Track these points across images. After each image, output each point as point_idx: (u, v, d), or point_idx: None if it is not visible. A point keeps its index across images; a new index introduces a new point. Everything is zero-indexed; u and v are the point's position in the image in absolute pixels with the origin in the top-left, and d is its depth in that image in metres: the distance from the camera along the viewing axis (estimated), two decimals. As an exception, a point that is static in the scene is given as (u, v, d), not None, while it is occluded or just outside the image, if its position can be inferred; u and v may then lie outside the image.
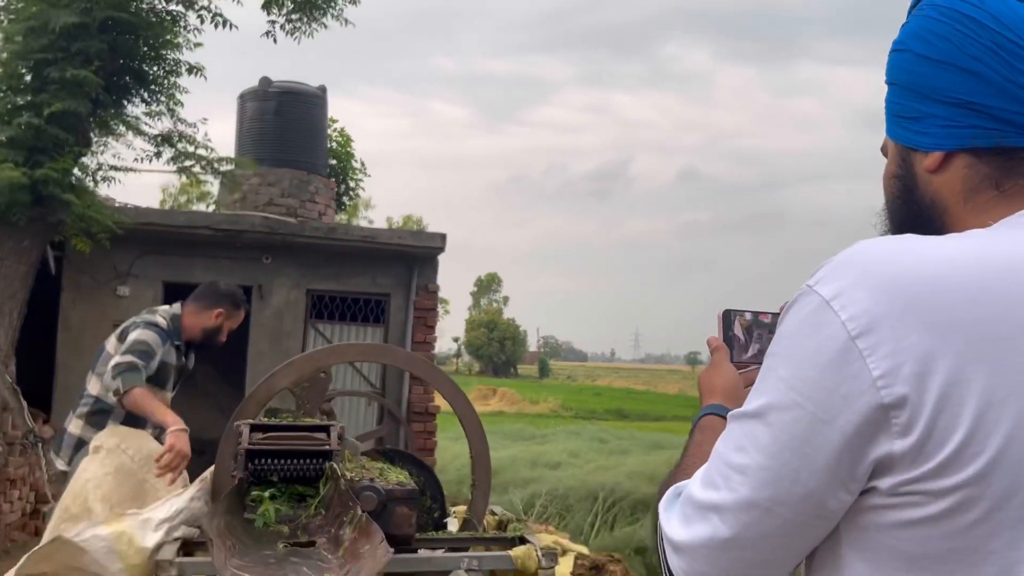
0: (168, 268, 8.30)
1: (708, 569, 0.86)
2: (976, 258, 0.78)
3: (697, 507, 0.87)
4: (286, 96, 9.06)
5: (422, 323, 8.96)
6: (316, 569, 2.08)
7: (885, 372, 0.74)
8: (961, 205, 0.88)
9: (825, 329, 0.78)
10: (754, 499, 0.81)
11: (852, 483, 0.78)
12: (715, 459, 0.87)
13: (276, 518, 2.61)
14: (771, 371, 0.83)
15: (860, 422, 0.76)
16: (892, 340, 0.74)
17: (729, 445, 0.85)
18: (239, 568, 2.02)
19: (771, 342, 0.85)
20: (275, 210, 8.79)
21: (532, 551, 2.82)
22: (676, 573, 0.89)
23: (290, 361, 3.14)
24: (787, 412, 0.79)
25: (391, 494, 2.78)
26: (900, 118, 0.92)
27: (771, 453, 0.80)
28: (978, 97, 0.84)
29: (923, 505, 0.75)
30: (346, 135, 12.08)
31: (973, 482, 0.73)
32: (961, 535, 0.75)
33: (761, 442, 0.81)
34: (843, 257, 0.80)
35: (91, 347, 8.02)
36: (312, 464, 2.81)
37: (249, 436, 2.77)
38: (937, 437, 0.74)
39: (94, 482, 2.93)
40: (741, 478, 0.82)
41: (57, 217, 5.41)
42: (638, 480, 12.35)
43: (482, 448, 3.23)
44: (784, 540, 0.83)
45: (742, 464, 0.82)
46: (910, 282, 0.76)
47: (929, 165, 0.89)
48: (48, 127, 5.07)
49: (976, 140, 0.85)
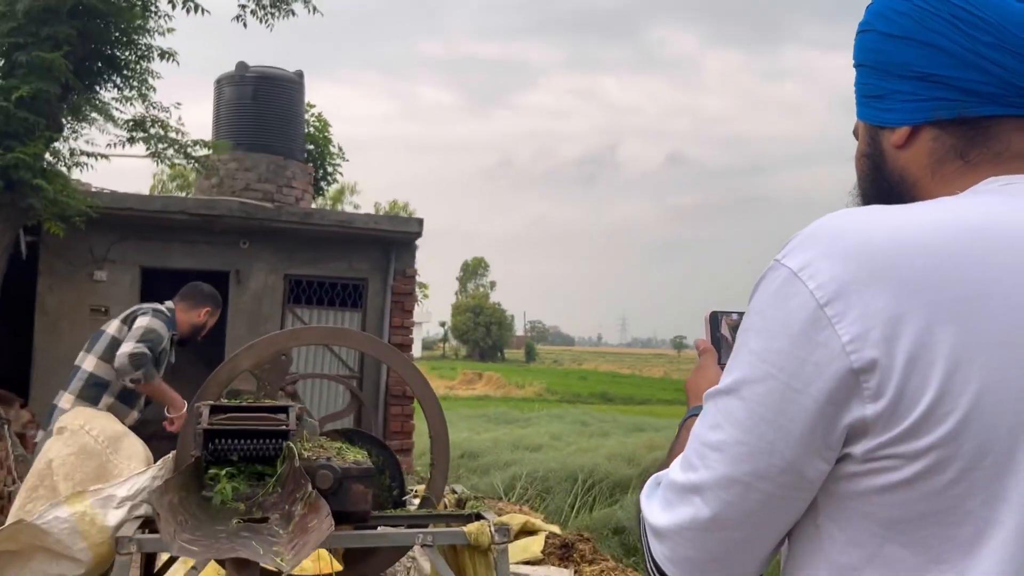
0: (146, 253, 8.32)
1: (693, 552, 0.84)
2: (941, 222, 0.78)
3: (677, 490, 0.85)
4: (263, 81, 9.05)
5: (400, 307, 9.02)
6: (265, 543, 2.15)
7: (854, 337, 0.75)
8: (929, 178, 0.89)
9: (794, 299, 0.78)
10: (733, 475, 0.80)
11: (827, 451, 0.78)
12: (692, 441, 0.85)
13: (233, 496, 2.69)
14: (743, 346, 0.82)
15: (832, 388, 0.76)
16: (860, 305, 0.75)
17: (705, 425, 0.84)
18: (187, 542, 2.09)
19: (742, 319, 0.85)
20: (252, 195, 8.81)
21: (485, 527, 2.91)
22: (660, 561, 0.87)
23: (251, 344, 3.21)
24: (760, 384, 0.79)
25: (347, 472, 2.86)
26: (867, 98, 0.94)
27: (746, 427, 0.79)
28: (940, 69, 0.86)
29: (897, 469, 0.75)
30: (323, 120, 12.06)
31: (945, 443, 0.73)
32: (936, 497, 0.75)
33: (736, 417, 0.80)
34: (810, 230, 0.81)
35: (68, 331, 8.06)
36: (271, 444, 2.88)
37: (209, 417, 2.83)
38: (907, 399, 0.74)
39: (58, 461, 3.00)
40: (718, 455, 0.81)
41: (28, 202, 5.42)
42: (617, 462, 12.51)
43: (440, 428, 3.31)
44: (766, 515, 0.82)
45: (718, 441, 0.81)
46: (876, 248, 0.76)
47: (896, 141, 0.91)
48: (17, 111, 5.07)
49: (940, 112, 0.87)
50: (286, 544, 2.16)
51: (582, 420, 20.60)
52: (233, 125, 8.91)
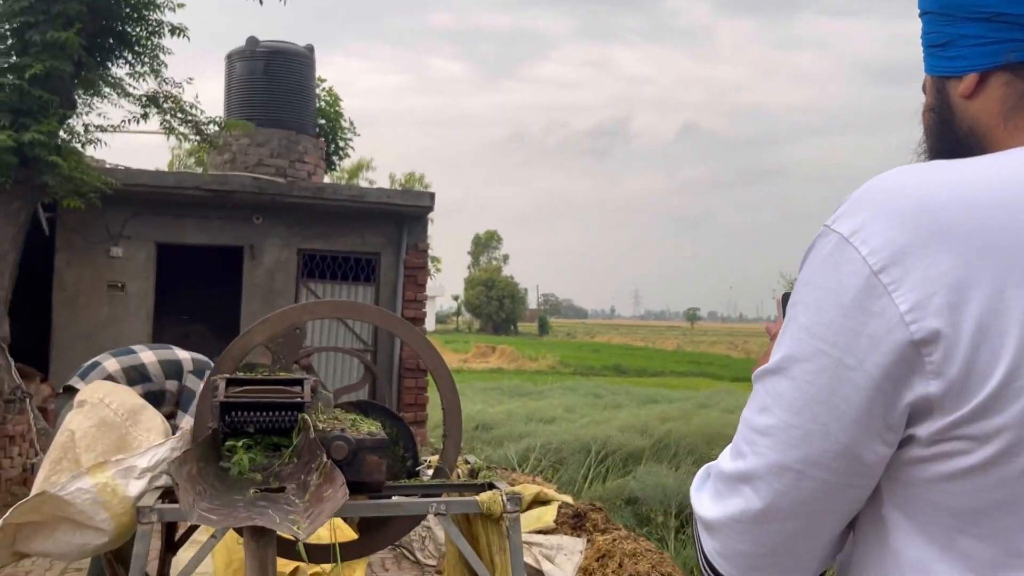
0: (160, 228, 8.39)
1: (745, 546, 0.78)
2: (1012, 175, 0.71)
3: (727, 480, 0.79)
4: (274, 56, 9.04)
5: (412, 281, 9.07)
6: (282, 512, 2.20)
7: (913, 305, 0.68)
8: (1001, 128, 0.81)
9: (845, 267, 0.71)
10: (783, 462, 0.74)
11: (888, 433, 0.71)
12: (741, 426, 0.79)
13: (250, 467, 2.75)
14: (791, 321, 0.75)
15: (889, 363, 0.69)
16: (919, 270, 0.68)
17: (753, 408, 0.78)
18: (206, 511, 2.15)
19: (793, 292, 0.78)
20: (265, 170, 8.85)
21: (497, 496, 2.96)
22: (711, 556, 0.81)
23: (265, 318, 3.25)
24: (810, 362, 0.72)
25: (361, 443, 2.91)
26: (933, 48, 0.87)
27: (797, 409, 0.73)
28: (1009, 7, 0.78)
29: (968, 453, 0.68)
30: (334, 94, 12.04)
31: (1021, 422, 0.66)
32: (1012, 483, 0.67)
33: (785, 399, 0.74)
34: (861, 191, 0.74)
35: (85, 307, 8.17)
36: (286, 416, 2.93)
37: (225, 390, 2.89)
38: (977, 373, 0.66)
39: (80, 433, 3.06)
40: (768, 441, 0.74)
41: (43, 179, 5.48)
42: (630, 434, 12.60)
43: (453, 400, 3.35)
44: (822, 504, 0.75)
45: (767, 425, 0.75)
46: (937, 207, 0.69)
47: (964, 90, 0.83)
48: (32, 89, 5.11)
49: (1011, 54, 0.79)
50: (302, 513, 2.21)
51: (595, 392, 20.70)
52: (244, 100, 8.92)
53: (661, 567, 5.11)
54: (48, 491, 2.80)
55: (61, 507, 2.83)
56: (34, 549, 2.97)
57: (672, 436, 12.63)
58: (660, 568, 5.09)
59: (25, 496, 6.89)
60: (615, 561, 5.22)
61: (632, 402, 18.48)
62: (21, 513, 2.85)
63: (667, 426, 13.09)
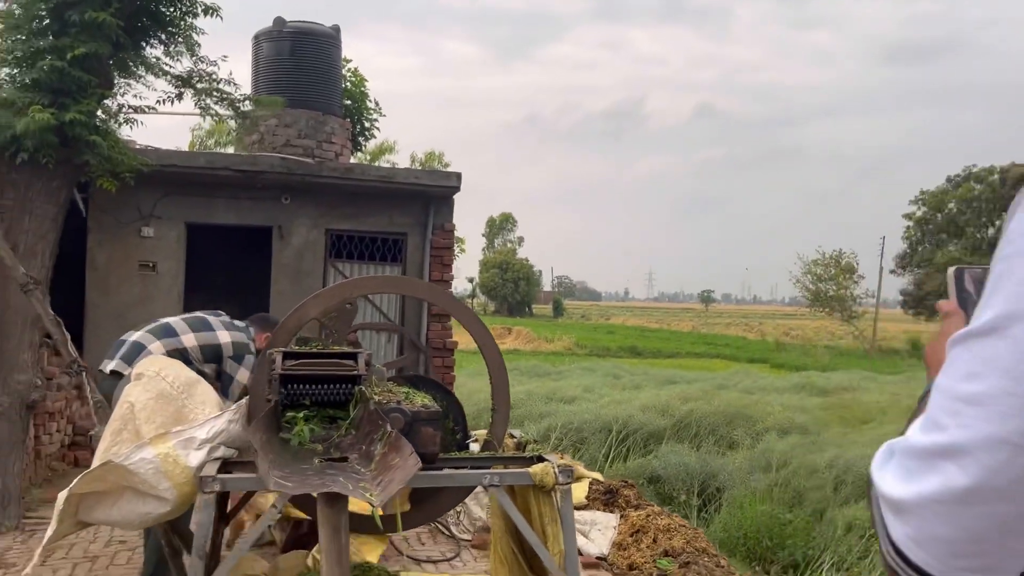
0: (190, 209, 8.46)
1: (945, 530, 0.68)
2: None
3: (920, 456, 0.70)
4: (301, 36, 9.06)
5: (439, 261, 9.11)
6: (351, 479, 2.26)
7: None
8: None
9: None
10: (999, 434, 0.65)
11: None
12: (938, 397, 0.70)
13: (310, 437, 2.81)
14: (1005, 277, 0.67)
15: None
16: None
17: (956, 375, 0.69)
18: (281, 478, 2.20)
19: (998, 247, 0.71)
20: (292, 151, 8.89)
21: (550, 468, 3.01)
22: (901, 543, 0.71)
23: (318, 293, 3.30)
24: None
25: (417, 415, 2.97)
26: None
27: (1017, 375, 0.64)
28: None
29: None
30: (360, 75, 12.05)
31: None
32: None
33: (1001, 362, 0.65)
34: None
35: (117, 287, 8.27)
36: (342, 388, 2.99)
37: (282, 363, 2.94)
38: None
39: (139, 405, 3.13)
40: (977, 410, 0.66)
41: (83, 158, 5.54)
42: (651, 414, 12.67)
43: (501, 375, 3.40)
44: None
45: (976, 393, 0.66)
46: None
47: None
48: (72, 69, 5.16)
49: None
50: (371, 481, 2.26)
51: (613, 373, 20.76)
52: (272, 81, 8.95)
53: (695, 542, 5.16)
54: (113, 461, 2.87)
55: (125, 476, 2.90)
56: (97, 518, 3.05)
57: (693, 416, 12.68)
58: (694, 543, 5.14)
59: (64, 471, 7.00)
60: (649, 536, 5.28)
61: (651, 383, 18.53)
62: (86, 483, 2.92)
63: (688, 406, 13.13)
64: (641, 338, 42.52)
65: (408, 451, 2.26)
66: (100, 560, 4.97)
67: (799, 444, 10.96)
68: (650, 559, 5.04)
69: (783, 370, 26.74)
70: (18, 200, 5.41)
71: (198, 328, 4.09)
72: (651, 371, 22.23)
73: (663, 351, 35.29)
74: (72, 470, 7.14)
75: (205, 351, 4.02)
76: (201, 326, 4.11)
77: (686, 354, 34.09)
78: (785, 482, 9.56)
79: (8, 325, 5.42)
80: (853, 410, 14.27)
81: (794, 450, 10.58)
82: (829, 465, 9.73)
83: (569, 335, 39.31)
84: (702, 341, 42.29)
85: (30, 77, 5.27)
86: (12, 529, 5.40)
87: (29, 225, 5.32)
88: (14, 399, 5.39)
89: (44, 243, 5.49)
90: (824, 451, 10.45)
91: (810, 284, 41.70)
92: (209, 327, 4.12)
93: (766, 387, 18.26)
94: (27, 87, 5.29)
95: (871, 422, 13.28)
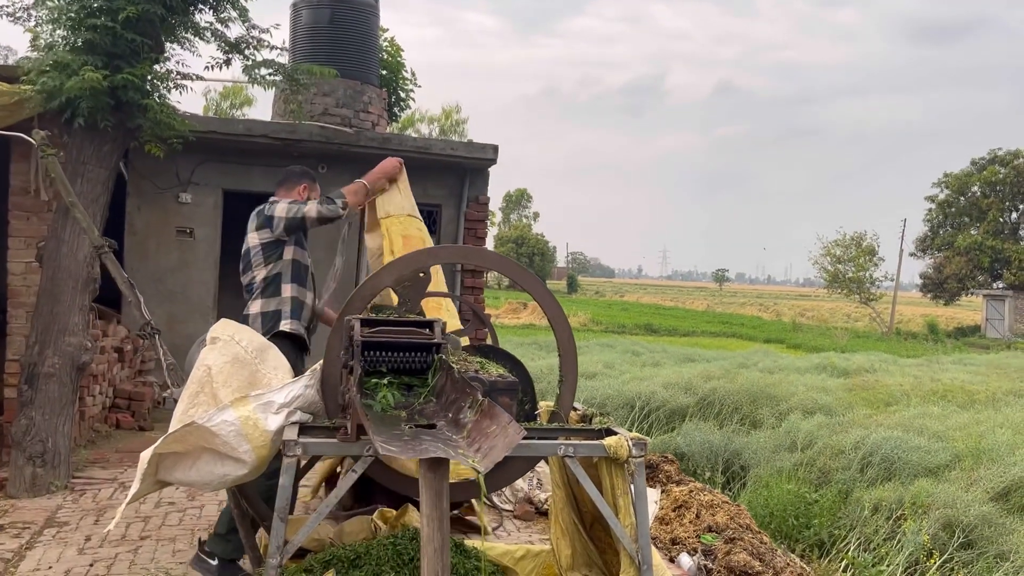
0: (228, 175, 8.48)
1: None
2: None
3: None
4: (339, 5, 9.01)
5: (472, 234, 9.11)
6: (448, 444, 2.28)
7: None
8: None
9: None
10: None
11: None
12: None
13: (393, 404, 2.83)
14: None
15: None
16: None
17: None
18: (384, 442, 2.22)
19: None
20: (330, 120, 8.87)
21: (623, 440, 3.02)
22: None
23: (391, 262, 3.31)
24: None
25: (494, 385, 2.99)
26: None
27: None
28: None
29: None
30: (396, 45, 11.98)
31: None
32: None
33: None
34: None
35: (155, 251, 8.31)
36: (419, 356, 3.01)
37: (361, 330, 2.96)
38: None
39: (216, 368, 3.16)
40: None
41: (136, 122, 5.55)
42: (674, 390, 12.66)
43: (569, 345, 3.41)
44: None
45: None
46: None
47: None
48: (124, 32, 5.15)
49: None
50: (467, 447, 2.28)
51: (633, 350, 20.76)
52: (310, 49, 8.91)
53: (739, 519, 5.19)
54: (196, 422, 2.90)
55: (207, 438, 2.94)
56: (176, 478, 3.09)
57: (716, 394, 12.67)
58: (738, 519, 5.17)
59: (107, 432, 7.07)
60: (692, 512, 5.31)
61: (670, 360, 18.52)
62: (168, 443, 2.96)
63: (711, 384, 13.13)
64: (656, 315, 42.49)
65: (506, 419, 2.27)
66: (152, 520, 5.05)
67: (824, 424, 10.95)
68: (693, 534, 5.07)
69: (800, 351, 26.66)
70: (70, 163, 5.43)
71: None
72: (669, 348, 22.20)
73: (679, 329, 35.23)
74: (114, 432, 7.23)
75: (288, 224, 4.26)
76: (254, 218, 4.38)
77: (702, 332, 34.03)
78: (810, 462, 9.56)
79: (59, 288, 5.47)
80: (877, 392, 14.22)
81: (819, 430, 10.57)
82: (855, 446, 9.73)
83: (584, 311, 39.30)
84: (717, 320, 42.16)
85: (82, 39, 5.26)
86: (62, 488, 5.49)
87: (81, 188, 5.35)
88: (65, 361, 5.45)
89: (96, 206, 5.52)
90: (848, 432, 10.44)
91: (829, 265, 41.51)
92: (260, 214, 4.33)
93: (786, 367, 18.20)
94: (79, 50, 5.28)
95: (895, 405, 13.23)
